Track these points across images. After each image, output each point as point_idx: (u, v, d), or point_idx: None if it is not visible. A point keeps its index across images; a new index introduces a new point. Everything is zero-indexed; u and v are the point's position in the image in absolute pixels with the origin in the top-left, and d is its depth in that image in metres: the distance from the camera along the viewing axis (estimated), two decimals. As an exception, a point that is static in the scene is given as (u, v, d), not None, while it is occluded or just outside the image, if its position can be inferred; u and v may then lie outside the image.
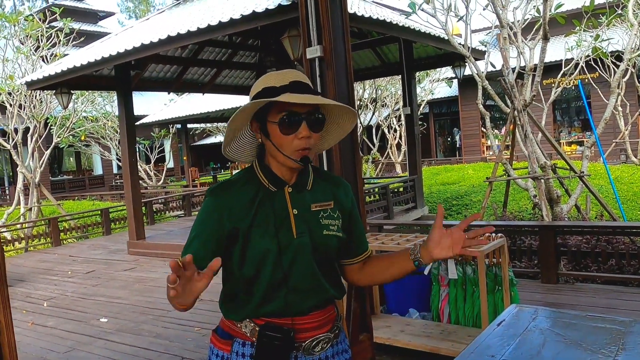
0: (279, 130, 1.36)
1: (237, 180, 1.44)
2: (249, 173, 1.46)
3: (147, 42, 7.01)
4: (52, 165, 24.48)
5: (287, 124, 1.35)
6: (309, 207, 1.45)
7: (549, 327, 1.74)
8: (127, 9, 44.22)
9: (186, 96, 19.88)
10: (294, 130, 1.35)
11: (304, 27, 3.23)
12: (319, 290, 1.45)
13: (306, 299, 1.42)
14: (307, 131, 1.36)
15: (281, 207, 1.42)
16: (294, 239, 1.40)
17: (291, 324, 1.41)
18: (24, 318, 5.55)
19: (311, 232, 1.43)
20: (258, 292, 1.40)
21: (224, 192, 1.42)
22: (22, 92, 11.80)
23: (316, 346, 1.44)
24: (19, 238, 10.87)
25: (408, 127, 10.57)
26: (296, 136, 1.36)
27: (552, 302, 4.64)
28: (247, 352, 1.41)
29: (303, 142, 1.36)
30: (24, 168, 12.52)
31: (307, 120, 1.36)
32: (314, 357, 1.45)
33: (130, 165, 8.92)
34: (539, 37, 7.17)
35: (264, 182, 1.43)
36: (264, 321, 1.40)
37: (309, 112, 1.37)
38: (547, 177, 6.97)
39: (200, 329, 4.69)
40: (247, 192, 1.41)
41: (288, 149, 1.37)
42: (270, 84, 1.39)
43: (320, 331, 1.45)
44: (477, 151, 22.32)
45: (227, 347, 1.44)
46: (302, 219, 1.43)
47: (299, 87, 1.37)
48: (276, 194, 1.43)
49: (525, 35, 8.37)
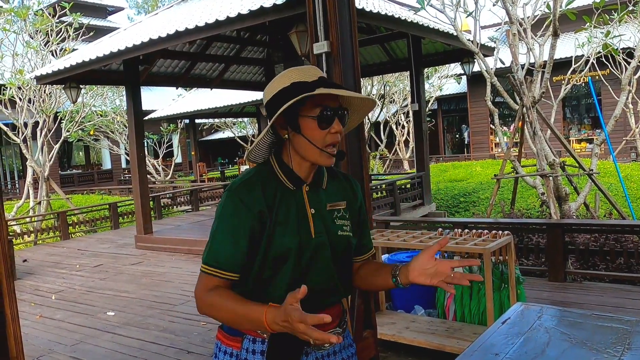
0: (317, 124, 1.36)
1: (256, 179, 1.41)
2: (266, 171, 1.44)
3: (155, 37, 7.03)
4: (61, 160, 24.62)
5: (325, 119, 1.36)
6: (325, 206, 1.45)
7: (555, 325, 1.73)
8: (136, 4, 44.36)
9: (194, 91, 19.92)
10: (329, 125, 1.37)
11: (311, 23, 3.22)
12: (334, 289, 1.46)
13: (321, 299, 1.42)
14: (339, 126, 1.38)
15: (300, 206, 1.41)
16: (312, 239, 1.40)
17: None
18: (33, 311, 5.60)
19: (328, 232, 1.43)
20: (276, 292, 1.38)
21: (245, 191, 1.38)
22: (32, 86, 11.87)
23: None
24: (28, 231, 10.97)
25: (416, 123, 10.53)
26: (329, 131, 1.37)
27: (559, 300, 4.61)
28: (257, 348, 1.40)
29: (335, 137, 1.38)
30: (34, 162, 12.62)
31: (339, 115, 1.38)
32: (322, 352, 1.45)
33: (139, 159, 8.96)
34: (548, 33, 7.11)
35: (283, 180, 1.42)
36: None
37: (339, 108, 1.39)
38: (555, 175, 6.92)
39: (206, 323, 4.71)
40: (267, 190, 1.40)
41: (321, 143, 1.37)
42: (299, 79, 1.38)
43: (329, 327, 1.45)
44: (485, 148, 22.21)
45: (237, 344, 1.42)
46: (319, 218, 1.43)
47: (329, 83, 1.39)
48: (295, 193, 1.42)
49: (535, 32, 8.31)
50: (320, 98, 1.35)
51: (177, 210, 13.66)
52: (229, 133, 25.22)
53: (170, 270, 7.10)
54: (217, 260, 1.35)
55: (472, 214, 10.73)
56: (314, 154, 1.38)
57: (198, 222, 10.57)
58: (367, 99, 1.48)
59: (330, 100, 1.37)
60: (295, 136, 1.39)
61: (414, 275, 1.36)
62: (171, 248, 8.41)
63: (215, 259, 1.36)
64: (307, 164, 1.42)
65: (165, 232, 9.36)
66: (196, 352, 4.08)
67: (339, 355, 1.51)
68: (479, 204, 11.37)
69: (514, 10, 7.18)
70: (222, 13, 6.45)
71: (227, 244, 1.35)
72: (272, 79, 1.46)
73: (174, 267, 7.27)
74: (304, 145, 1.38)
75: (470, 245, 3.38)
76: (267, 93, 1.44)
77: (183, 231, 9.50)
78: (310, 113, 1.36)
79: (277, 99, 1.38)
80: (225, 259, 1.35)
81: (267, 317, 1.23)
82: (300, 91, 1.34)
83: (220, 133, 28.11)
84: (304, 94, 1.33)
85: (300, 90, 1.35)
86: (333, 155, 1.39)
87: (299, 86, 1.36)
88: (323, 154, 1.37)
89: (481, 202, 11.36)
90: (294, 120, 1.37)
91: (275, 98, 1.39)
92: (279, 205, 1.39)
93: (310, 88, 1.34)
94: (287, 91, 1.37)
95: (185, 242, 8.36)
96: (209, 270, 1.36)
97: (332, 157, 1.39)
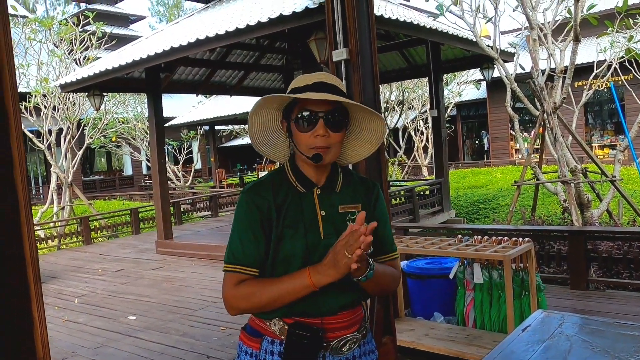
0: (296, 127, 1.41)
1: (268, 181, 1.47)
2: (280, 174, 1.49)
3: (176, 46, 7.14)
4: (84, 166, 25.04)
5: (302, 121, 1.40)
6: (336, 209, 1.47)
7: (576, 333, 1.72)
8: (157, 13, 44.99)
9: (214, 98, 20.14)
10: (311, 128, 1.39)
11: (331, 30, 3.25)
12: (347, 290, 1.46)
13: (335, 299, 1.44)
14: (323, 129, 1.39)
15: (310, 208, 1.44)
16: (321, 240, 1.42)
17: (320, 324, 1.42)
18: (56, 314, 5.70)
19: (338, 234, 1.43)
20: None
21: (257, 192, 1.44)
22: (56, 94, 12.13)
23: (344, 346, 1.45)
24: (52, 236, 11.18)
25: (435, 129, 10.49)
26: (312, 134, 1.39)
27: (582, 308, 4.54)
28: (275, 350, 1.43)
29: (319, 140, 1.39)
30: (57, 168, 12.87)
31: (325, 119, 1.39)
32: (341, 357, 1.46)
33: (159, 166, 9.08)
34: (569, 38, 7.03)
35: (293, 183, 1.46)
36: (294, 320, 1.42)
37: (328, 112, 1.40)
38: (577, 181, 6.83)
39: (226, 328, 4.75)
40: (278, 192, 1.44)
41: (304, 146, 1.41)
42: (297, 84, 1.44)
43: (348, 331, 1.46)
44: (505, 154, 21.98)
45: (257, 345, 1.46)
46: (329, 220, 1.45)
47: (321, 87, 1.40)
48: (305, 195, 1.45)
49: (556, 37, 8.22)
50: (307, 102, 1.39)
51: (196, 216, 13.79)
52: (247, 140, 25.39)
53: (190, 276, 7.16)
54: (236, 257, 1.41)
55: (492, 220, 10.61)
56: (300, 155, 1.44)
57: (217, 227, 10.65)
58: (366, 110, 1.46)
59: (317, 104, 1.38)
60: (290, 139, 1.47)
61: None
62: (191, 253, 8.49)
63: (234, 256, 1.41)
64: (312, 166, 1.46)
65: (185, 238, 9.46)
66: (215, 357, 4.11)
67: None
68: (499, 210, 11.24)
69: (534, 16, 7.13)
70: (242, 21, 6.53)
71: (244, 242, 1.41)
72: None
73: (194, 272, 7.34)
74: (295, 148, 1.45)
75: (490, 252, 3.36)
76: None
77: (203, 237, 9.58)
78: (293, 116, 1.42)
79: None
80: (243, 255, 1.40)
81: (313, 278, 1.33)
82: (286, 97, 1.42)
83: (239, 139, 28.31)
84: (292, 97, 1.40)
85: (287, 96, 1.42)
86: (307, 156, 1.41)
87: (292, 92, 1.42)
88: (302, 155, 1.43)
89: (501, 209, 11.23)
90: (289, 124, 1.44)
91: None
92: (288, 208, 1.43)
93: (298, 92, 1.40)
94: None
95: (205, 247, 8.43)
96: (230, 268, 1.41)
97: (309, 159, 1.40)
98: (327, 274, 1.31)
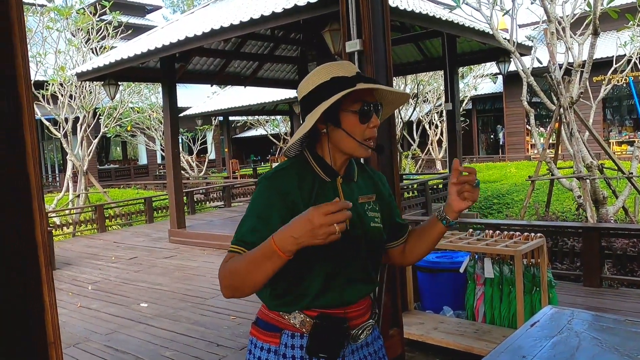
0: (358, 119, 1.39)
1: (292, 169, 1.42)
2: (300, 163, 1.44)
3: (191, 35, 7.16)
4: (99, 154, 25.27)
5: (366, 113, 1.39)
6: (357, 198, 1.47)
7: (585, 329, 1.70)
8: (172, 4, 45.00)
9: (228, 89, 20.15)
10: (369, 119, 1.40)
11: (344, 21, 3.23)
12: (369, 279, 1.48)
13: (359, 289, 1.45)
14: (377, 120, 1.42)
15: (334, 197, 1.42)
16: (347, 230, 1.41)
17: (344, 314, 1.41)
18: (71, 300, 5.79)
19: (362, 223, 1.45)
20: (314, 285, 1.38)
21: (282, 179, 1.39)
22: (73, 83, 12.24)
23: (362, 333, 1.46)
24: (67, 223, 11.32)
25: (449, 123, 10.41)
26: (368, 125, 1.40)
27: (594, 306, 4.50)
28: (297, 343, 1.39)
29: (373, 130, 1.41)
30: (73, 156, 13.01)
31: (376, 110, 1.42)
32: (357, 344, 1.47)
33: (173, 155, 9.14)
34: (588, 32, 6.92)
35: (318, 172, 1.44)
36: (317, 312, 1.39)
37: (376, 102, 1.43)
38: (592, 177, 6.75)
39: (236, 317, 4.78)
40: (304, 179, 1.41)
41: (360, 137, 1.40)
42: (338, 73, 1.40)
43: (364, 318, 1.48)
44: (520, 149, 21.77)
45: (275, 340, 1.42)
46: (353, 210, 1.41)
47: (366, 78, 1.42)
48: (329, 185, 1.44)
49: (574, 30, 8.10)
50: (360, 93, 1.38)
51: (209, 206, 13.87)
52: (261, 131, 25.44)
53: (202, 265, 7.22)
54: (244, 239, 1.32)
55: (505, 216, 10.54)
56: (353, 146, 1.41)
57: (230, 217, 10.71)
58: (403, 93, 1.53)
59: (369, 94, 1.40)
60: (334, 130, 1.41)
61: (456, 205, 1.41)
62: (203, 243, 8.56)
63: (242, 238, 1.33)
64: (343, 157, 1.45)
65: (198, 227, 9.53)
66: (225, 346, 4.15)
67: (371, 347, 1.52)
68: (513, 206, 11.15)
69: (552, 9, 7.02)
70: (257, 11, 6.52)
71: (257, 225, 1.33)
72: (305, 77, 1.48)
73: (206, 262, 7.40)
74: (343, 139, 1.40)
75: (501, 246, 3.33)
76: (303, 88, 1.44)
77: (215, 226, 9.64)
78: (351, 107, 1.38)
79: (316, 94, 1.39)
80: (253, 238, 1.30)
81: (275, 238, 1.18)
82: (341, 85, 1.36)
83: (253, 130, 28.37)
84: (348, 88, 1.35)
85: (341, 85, 1.36)
86: (370, 147, 1.42)
87: (339, 81, 1.38)
88: (362, 146, 1.40)
89: (515, 204, 11.14)
90: (334, 115, 1.39)
91: (314, 93, 1.40)
92: (316, 197, 1.39)
93: (350, 83, 1.36)
94: (327, 85, 1.38)
95: (217, 237, 8.48)
96: (233, 249, 1.33)
97: (369, 150, 1.42)
98: (293, 239, 1.15)
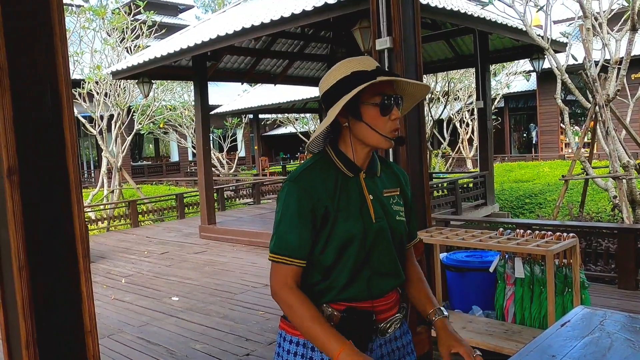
0: (379, 111, 1.41)
1: (315, 168, 1.45)
2: (323, 159, 1.47)
3: (222, 34, 7.25)
4: (133, 151, 25.80)
5: (387, 106, 1.41)
6: (381, 193, 1.49)
7: (618, 330, 1.67)
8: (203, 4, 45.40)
9: (258, 87, 20.30)
10: (390, 112, 1.41)
11: (374, 18, 3.23)
12: (397, 272, 1.49)
13: (386, 282, 1.46)
14: (398, 112, 1.43)
15: (358, 192, 1.45)
16: (373, 224, 1.43)
17: (371, 307, 1.43)
18: (105, 292, 5.95)
19: (387, 217, 1.47)
20: (341, 278, 1.41)
21: (307, 179, 1.43)
22: (108, 81, 12.54)
23: (390, 327, 1.48)
24: (102, 218, 11.63)
25: (480, 121, 10.26)
26: (389, 117, 1.42)
27: (629, 309, 4.38)
28: None
29: (395, 123, 1.43)
30: (108, 153, 13.34)
31: (396, 102, 1.43)
32: (385, 338, 1.48)
33: (204, 153, 9.28)
34: (626, 28, 6.73)
35: (341, 168, 1.46)
36: (344, 306, 1.41)
37: (396, 95, 1.44)
38: (629, 177, 6.57)
39: (264, 313, 4.84)
40: (328, 177, 1.44)
41: (383, 130, 1.42)
42: (358, 68, 1.42)
43: (392, 312, 1.49)
44: (554, 148, 21.29)
45: None
46: (378, 204, 1.47)
47: (386, 71, 1.44)
48: (353, 180, 1.46)
49: (611, 26, 7.88)
50: (380, 86, 1.39)
51: (239, 203, 14.03)
52: (291, 128, 25.55)
53: (232, 260, 7.32)
54: (284, 247, 1.39)
55: (537, 216, 10.34)
56: (376, 139, 1.42)
57: (259, 214, 10.81)
58: (423, 85, 1.52)
59: (389, 87, 1.42)
60: (355, 123, 1.43)
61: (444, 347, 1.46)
62: (233, 239, 8.66)
63: (282, 246, 1.39)
64: (365, 151, 1.46)
65: (228, 224, 9.65)
66: (254, 340, 4.20)
67: (399, 341, 1.54)
68: (546, 205, 10.93)
69: (588, 4, 6.85)
70: (288, 10, 6.56)
71: (292, 232, 1.39)
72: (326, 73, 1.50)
73: (235, 258, 7.49)
74: (365, 132, 1.42)
75: (532, 246, 3.28)
76: (325, 83, 1.46)
77: (245, 223, 9.75)
78: (371, 100, 1.40)
79: (337, 88, 1.41)
80: (291, 246, 1.38)
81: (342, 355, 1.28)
82: (361, 79, 1.38)
83: (283, 128, 28.54)
84: (368, 81, 1.36)
85: (361, 79, 1.38)
86: (393, 139, 1.43)
87: (359, 75, 1.40)
88: (385, 138, 1.42)
89: (548, 204, 10.92)
90: (355, 108, 1.41)
91: (336, 87, 1.42)
92: (340, 193, 1.43)
93: (370, 76, 1.38)
94: (348, 80, 1.40)
95: (247, 233, 8.58)
96: (277, 259, 1.39)
97: (392, 141, 1.43)
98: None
